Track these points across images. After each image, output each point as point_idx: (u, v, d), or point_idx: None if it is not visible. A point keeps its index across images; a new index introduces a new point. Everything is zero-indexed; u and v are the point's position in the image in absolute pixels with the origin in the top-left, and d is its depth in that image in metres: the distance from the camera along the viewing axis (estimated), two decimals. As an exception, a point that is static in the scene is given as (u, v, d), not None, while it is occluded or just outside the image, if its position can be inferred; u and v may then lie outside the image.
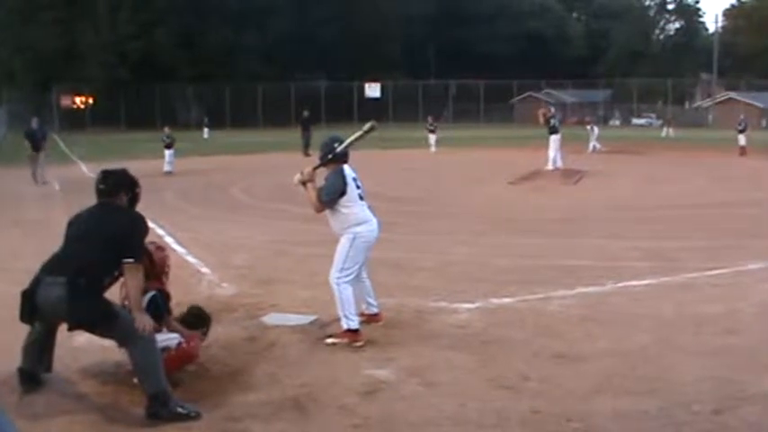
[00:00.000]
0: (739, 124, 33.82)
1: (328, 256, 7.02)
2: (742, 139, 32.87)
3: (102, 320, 5.16)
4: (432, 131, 37.44)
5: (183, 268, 9.46)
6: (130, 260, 5.24)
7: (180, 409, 5.14)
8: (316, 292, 8.27)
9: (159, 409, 5.10)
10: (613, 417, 5.16)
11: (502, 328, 7.21)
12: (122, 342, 5.31)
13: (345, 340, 6.69)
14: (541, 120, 27.07)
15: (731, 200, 17.75)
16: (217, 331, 6.69)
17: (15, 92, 63.98)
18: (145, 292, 5.60)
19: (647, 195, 19.00)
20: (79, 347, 6.29)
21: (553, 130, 25.48)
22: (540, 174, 23.58)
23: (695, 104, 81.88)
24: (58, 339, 5.67)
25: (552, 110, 30.88)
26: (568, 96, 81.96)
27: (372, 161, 29.05)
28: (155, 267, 5.90)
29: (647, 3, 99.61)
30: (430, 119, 39.09)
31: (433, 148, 36.65)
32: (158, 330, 5.53)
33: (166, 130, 26.83)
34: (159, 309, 5.60)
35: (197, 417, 5.14)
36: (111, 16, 65.42)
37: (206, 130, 53.69)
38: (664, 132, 54.50)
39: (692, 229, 13.20)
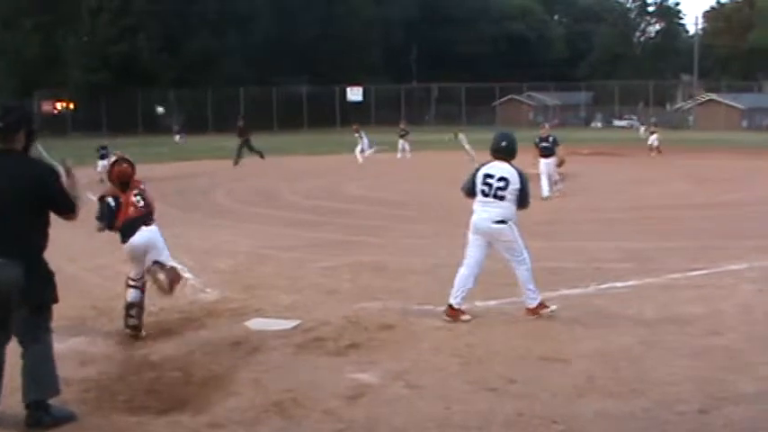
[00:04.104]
0: (653, 124, 34.92)
1: (311, 261, 7.01)
2: (654, 140, 34.11)
3: (49, 299, 5.07)
4: (402, 136, 34.61)
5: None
6: (70, 214, 5.12)
7: (58, 414, 5.05)
8: (299, 296, 8.25)
9: (42, 416, 4.99)
10: (598, 418, 5.17)
11: (486, 331, 7.22)
12: (28, 336, 5.01)
13: None
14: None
15: (712, 201, 17.87)
16: (200, 336, 6.66)
17: (-5, 97, 63.53)
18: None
19: (629, 197, 19.07)
20: (58, 355, 6.21)
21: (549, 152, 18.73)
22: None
23: (676, 106, 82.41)
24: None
25: (546, 126, 21.12)
26: (550, 99, 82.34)
27: (355, 165, 29.10)
28: (110, 177, 7.17)
29: (627, 5, 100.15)
30: (401, 124, 36.43)
31: (400, 155, 33.91)
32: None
33: (104, 141, 27.63)
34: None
35: (72, 418, 5.08)
36: (92, 21, 64.98)
37: (177, 136, 52.21)
38: (646, 134, 54.85)
39: (674, 231, 13.27)
